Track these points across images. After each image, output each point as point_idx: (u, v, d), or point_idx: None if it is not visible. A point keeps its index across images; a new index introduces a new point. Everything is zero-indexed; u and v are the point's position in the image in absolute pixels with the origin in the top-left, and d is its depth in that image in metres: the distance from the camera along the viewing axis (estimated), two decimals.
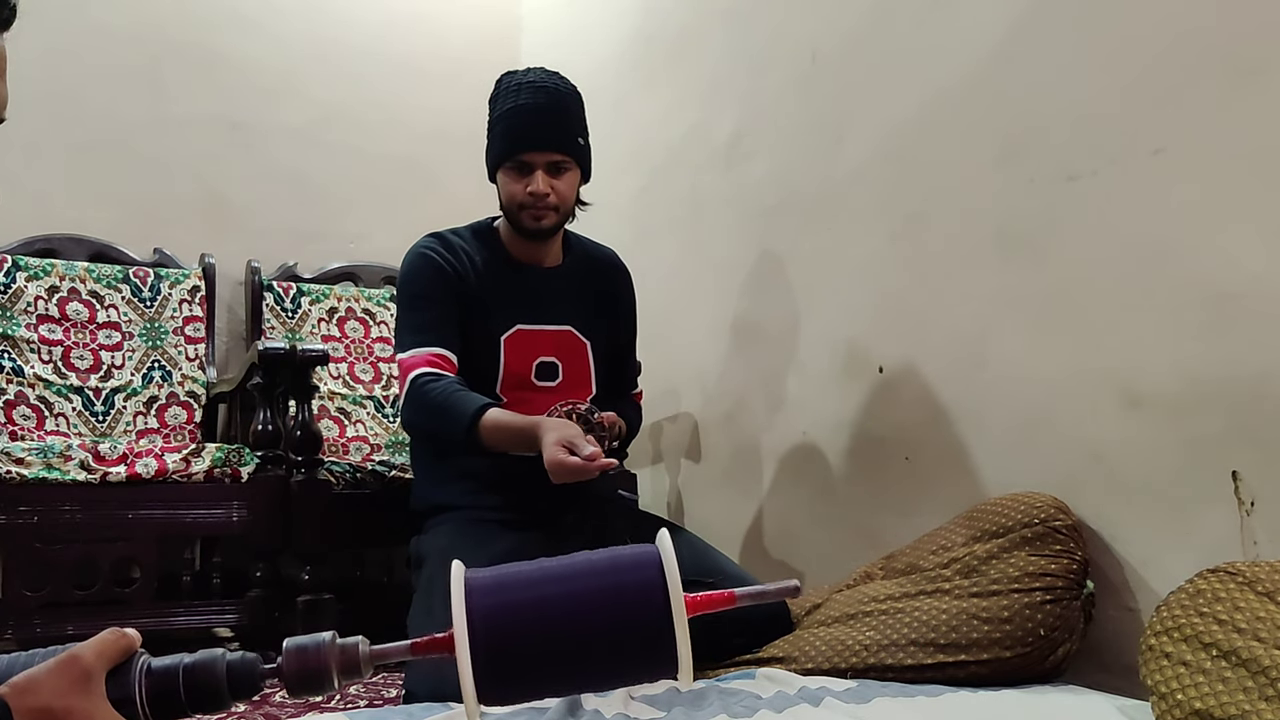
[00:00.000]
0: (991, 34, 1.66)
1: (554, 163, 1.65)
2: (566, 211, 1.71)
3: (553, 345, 1.73)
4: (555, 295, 1.74)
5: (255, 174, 3.04)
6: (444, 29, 3.33)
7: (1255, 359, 1.26)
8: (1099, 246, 1.47)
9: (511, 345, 1.69)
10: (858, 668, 1.39)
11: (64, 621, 2.03)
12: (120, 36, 2.88)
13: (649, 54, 2.72)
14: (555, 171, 1.66)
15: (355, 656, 0.68)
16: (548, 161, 1.65)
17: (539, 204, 1.65)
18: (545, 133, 1.64)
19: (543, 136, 1.64)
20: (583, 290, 1.79)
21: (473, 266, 1.71)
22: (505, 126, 1.65)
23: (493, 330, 1.69)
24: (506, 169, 1.67)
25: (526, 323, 1.71)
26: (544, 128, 1.63)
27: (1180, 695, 1.04)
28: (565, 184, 1.67)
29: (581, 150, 1.69)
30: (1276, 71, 1.25)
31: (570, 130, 1.67)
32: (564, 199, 1.68)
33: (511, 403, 1.67)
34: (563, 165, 1.66)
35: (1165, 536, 1.37)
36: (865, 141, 1.93)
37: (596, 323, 1.79)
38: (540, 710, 1.15)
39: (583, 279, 1.80)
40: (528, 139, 1.64)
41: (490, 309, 1.70)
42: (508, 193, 1.68)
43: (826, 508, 2.00)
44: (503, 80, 1.70)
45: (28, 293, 2.57)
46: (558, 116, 1.65)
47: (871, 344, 1.90)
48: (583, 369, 1.76)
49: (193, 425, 2.68)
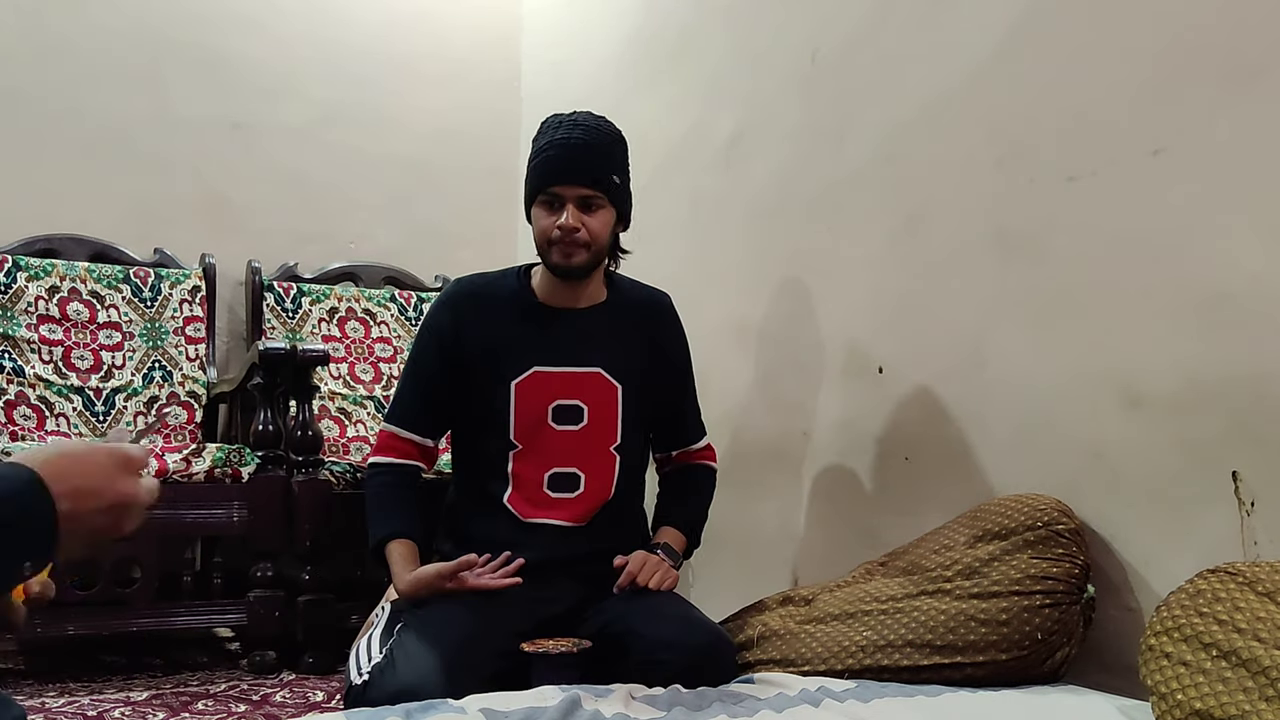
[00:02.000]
0: (991, 35, 1.66)
1: (585, 198, 1.61)
2: (599, 251, 1.65)
3: (576, 388, 1.67)
4: (582, 336, 1.69)
5: (256, 174, 3.04)
6: (445, 29, 3.34)
7: (1255, 359, 1.26)
8: (1099, 247, 1.47)
9: (525, 389, 1.65)
10: (854, 669, 1.39)
11: (64, 621, 2.03)
12: (120, 36, 2.89)
13: (649, 54, 2.72)
14: (586, 207, 1.62)
15: None
16: (578, 196, 1.61)
17: (568, 239, 1.60)
18: (577, 167, 1.61)
19: (574, 170, 1.61)
20: (618, 331, 1.72)
21: (485, 314, 1.69)
22: (539, 161, 1.64)
23: (505, 374, 1.65)
24: (539, 204, 1.64)
25: (546, 365, 1.66)
26: (576, 162, 1.61)
27: (1180, 695, 1.04)
28: (598, 221, 1.62)
29: (616, 189, 1.65)
30: (1276, 71, 1.25)
31: (604, 167, 1.63)
32: (595, 236, 1.62)
33: (526, 449, 1.64)
34: (594, 201, 1.62)
35: (1165, 536, 1.37)
36: (865, 142, 1.93)
37: (633, 366, 1.71)
38: (540, 710, 1.15)
39: (620, 320, 1.73)
40: (559, 173, 1.61)
41: (501, 355, 1.66)
42: (539, 228, 1.64)
43: (826, 508, 2.00)
44: (546, 121, 1.68)
45: (28, 293, 2.57)
46: (591, 152, 1.62)
47: (871, 344, 1.90)
48: (609, 414, 1.68)
49: (193, 425, 2.68)
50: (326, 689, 2.04)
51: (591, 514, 1.66)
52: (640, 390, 1.71)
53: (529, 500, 1.65)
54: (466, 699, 1.18)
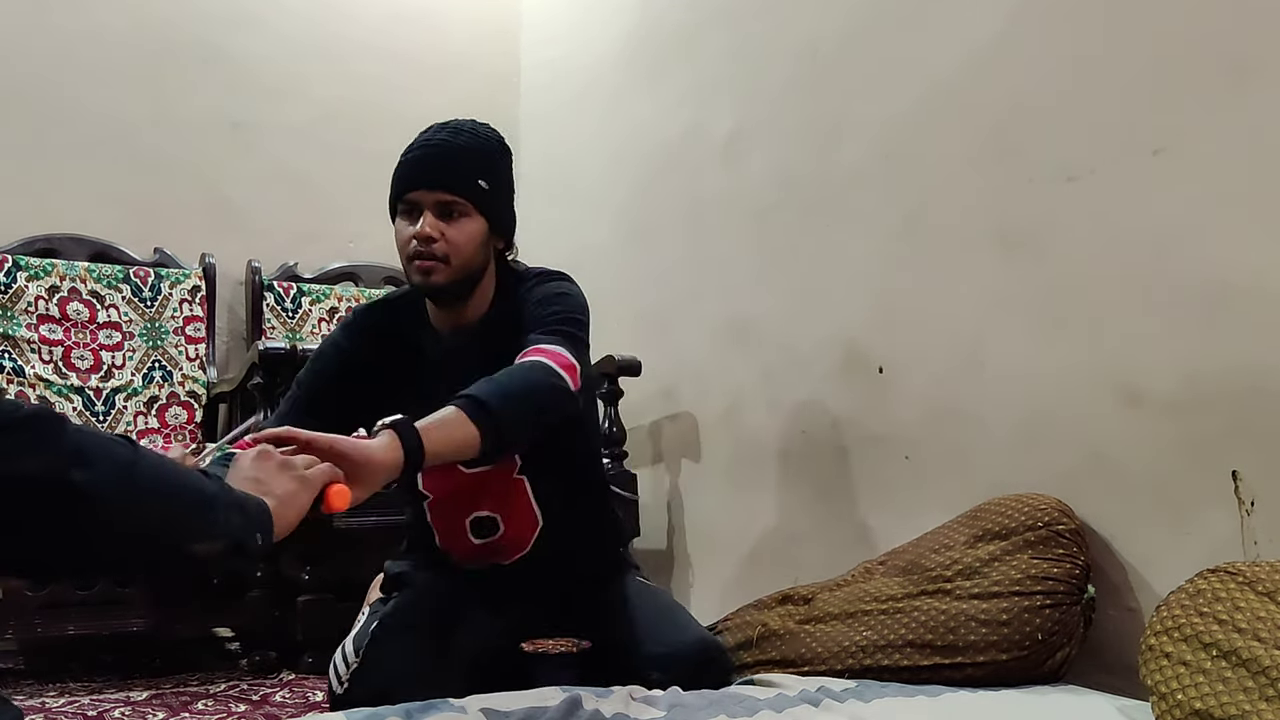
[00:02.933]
0: (990, 33, 1.66)
1: (444, 204, 1.42)
2: (462, 266, 1.42)
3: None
4: (453, 372, 1.35)
5: (256, 174, 3.04)
6: (445, 27, 3.33)
7: (1255, 358, 1.26)
8: (1098, 246, 1.47)
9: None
10: (854, 669, 1.39)
11: (64, 621, 2.03)
12: (121, 35, 2.88)
13: (648, 51, 2.72)
14: (447, 215, 1.42)
15: None
16: (436, 202, 1.41)
17: (425, 250, 1.40)
18: (434, 170, 1.43)
19: (431, 173, 1.43)
20: (490, 351, 1.38)
21: (380, 352, 1.51)
22: (397, 166, 1.47)
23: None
24: (400, 215, 1.45)
25: (413, 408, 1.19)
26: (434, 165, 1.43)
27: (1180, 695, 1.04)
28: (459, 231, 1.41)
29: (484, 195, 1.44)
30: (1276, 71, 1.25)
31: (469, 171, 1.44)
32: (456, 248, 1.41)
33: (438, 499, 1.53)
34: (455, 208, 1.42)
35: (1165, 536, 1.37)
36: (864, 140, 1.93)
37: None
38: (540, 710, 1.15)
39: (494, 336, 1.45)
40: (415, 177, 1.44)
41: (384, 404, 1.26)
42: (399, 241, 1.45)
43: (826, 508, 2.00)
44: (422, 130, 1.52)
45: (28, 293, 2.57)
46: (454, 155, 1.44)
47: (871, 344, 1.90)
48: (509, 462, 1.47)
49: (193, 425, 2.68)
50: (326, 689, 2.04)
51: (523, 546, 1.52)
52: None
53: (460, 552, 1.54)
54: (466, 699, 1.18)
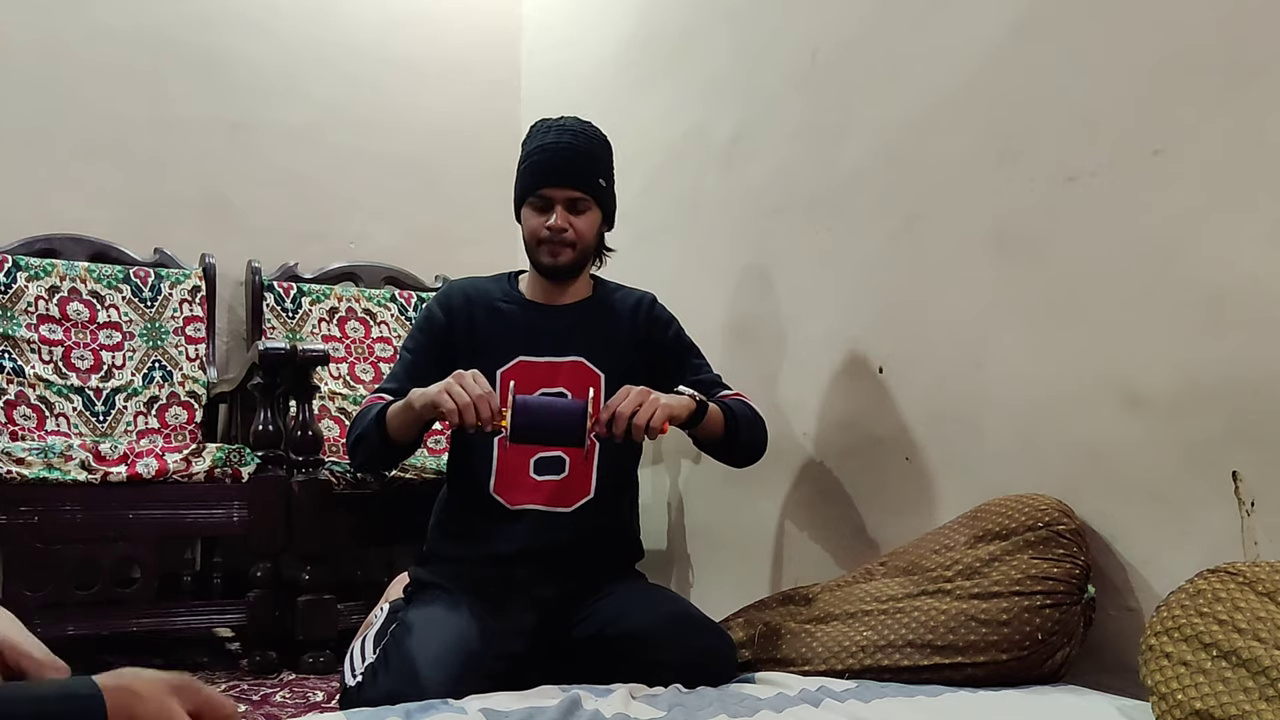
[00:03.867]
0: (991, 34, 1.66)
1: (573, 200, 1.70)
2: (585, 250, 1.74)
3: (560, 376, 1.72)
4: (565, 330, 1.75)
5: (255, 174, 3.04)
6: (445, 29, 3.34)
7: (1255, 359, 1.26)
8: (1099, 247, 1.47)
9: (509, 377, 1.67)
10: (854, 669, 1.39)
11: (64, 621, 2.03)
12: (120, 36, 2.89)
13: (649, 54, 2.72)
14: (574, 209, 1.70)
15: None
16: (567, 198, 1.69)
17: (556, 238, 1.69)
18: (565, 170, 1.69)
19: (563, 174, 1.69)
20: (600, 325, 1.78)
21: (475, 310, 1.76)
22: (529, 164, 1.72)
23: (490, 365, 1.69)
24: (529, 205, 1.72)
25: (530, 355, 1.72)
26: (564, 165, 1.69)
27: (1180, 695, 1.04)
28: (584, 222, 1.71)
29: (602, 191, 1.73)
30: (1276, 71, 1.25)
31: (591, 171, 1.72)
32: (582, 236, 1.71)
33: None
34: (581, 203, 1.70)
35: (1165, 536, 1.37)
36: (865, 142, 1.93)
37: (616, 357, 1.75)
38: (540, 710, 1.15)
39: (602, 315, 1.79)
40: (548, 176, 1.69)
41: (488, 347, 1.72)
42: (529, 228, 1.73)
43: (826, 508, 2.00)
44: (535, 125, 1.76)
45: (28, 293, 2.57)
46: (580, 156, 1.70)
47: (871, 344, 1.90)
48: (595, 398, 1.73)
49: (193, 425, 2.68)
50: (326, 689, 2.04)
51: (574, 501, 1.69)
52: (623, 378, 1.69)
53: (513, 485, 1.68)
54: (466, 699, 1.18)
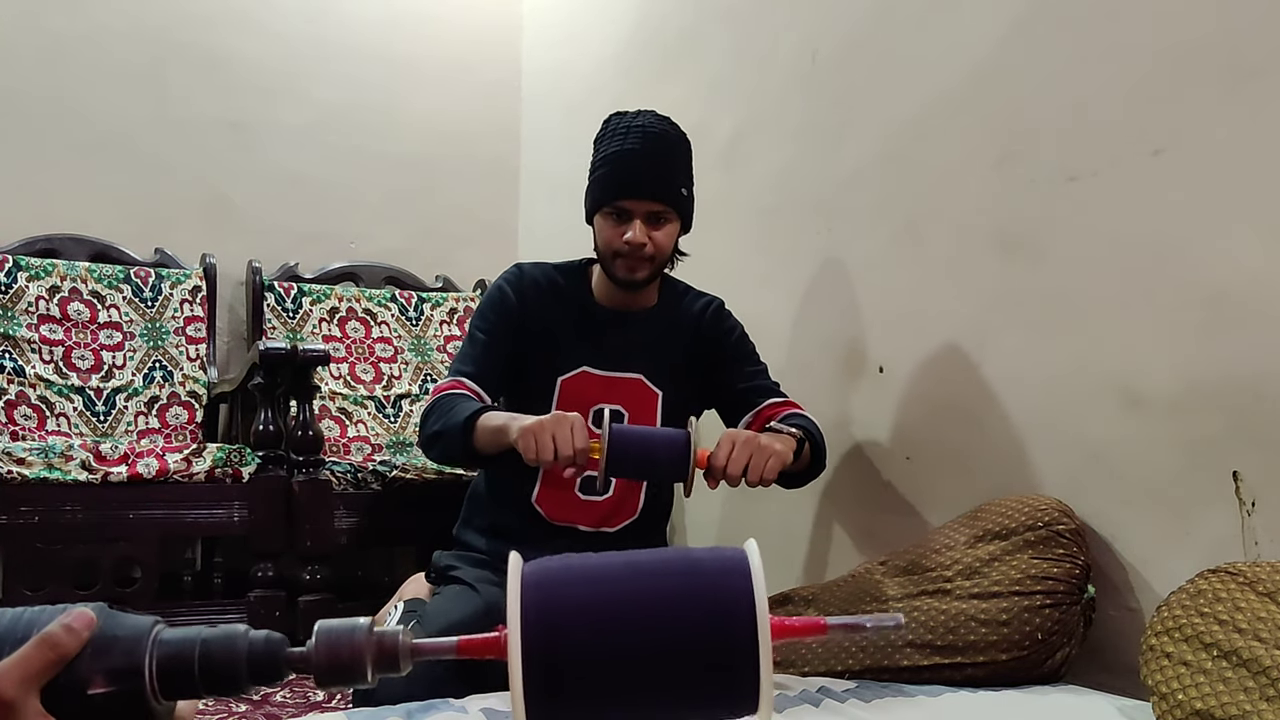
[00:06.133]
0: (992, 34, 1.66)
1: (654, 213, 1.58)
2: (662, 263, 1.64)
3: (617, 392, 1.66)
4: (629, 342, 1.67)
5: (256, 174, 3.04)
6: (445, 29, 3.34)
7: (1255, 359, 1.26)
8: (1099, 247, 1.47)
9: (569, 387, 1.63)
10: (854, 669, 1.39)
11: None
12: (121, 36, 2.89)
13: (650, 54, 2.72)
14: (655, 221, 1.59)
15: (394, 648, 0.60)
16: (647, 211, 1.58)
17: (635, 254, 1.58)
18: (647, 182, 1.57)
19: (644, 185, 1.57)
20: (664, 337, 1.70)
21: (546, 302, 1.67)
22: (607, 170, 1.59)
23: (555, 367, 1.64)
24: (604, 214, 1.60)
25: (593, 367, 1.65)
26: (647, 176, 1.57)
27: (1181, 695, 1.04)
28: (664, 235, 1.60)
29: (684, 201, 1.63)
30: (1276, 72, 1.25)
31: (674, 181, 1.60)
32: (661, 250, 1.61)
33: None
34: (663, 216, 1.59)
35: (1166, 536, 1.37)
36: (865, 142, 1.93)
37: (675, 374, 1.70)
38: None
39: (667, 326, 1.71)
40: (628, 187, 1.57)
41: (554, 347, 1.65)
42: (604, 239, 1.61)
43: (826, 508, 2.00)
44: (610, 121, 1.64)
45: (29, 293, 2.57)
46: (661, 165, 1.58)
47: (871, 344, 1.90)
48: (648, 421, 1.67)
49: (194, 425, 2.68)
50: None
51: (620, 522, 1.65)
52: (680, 398, 1.69)
53: (558, 500, 1.63)
54: (466, 699, 1.18)
